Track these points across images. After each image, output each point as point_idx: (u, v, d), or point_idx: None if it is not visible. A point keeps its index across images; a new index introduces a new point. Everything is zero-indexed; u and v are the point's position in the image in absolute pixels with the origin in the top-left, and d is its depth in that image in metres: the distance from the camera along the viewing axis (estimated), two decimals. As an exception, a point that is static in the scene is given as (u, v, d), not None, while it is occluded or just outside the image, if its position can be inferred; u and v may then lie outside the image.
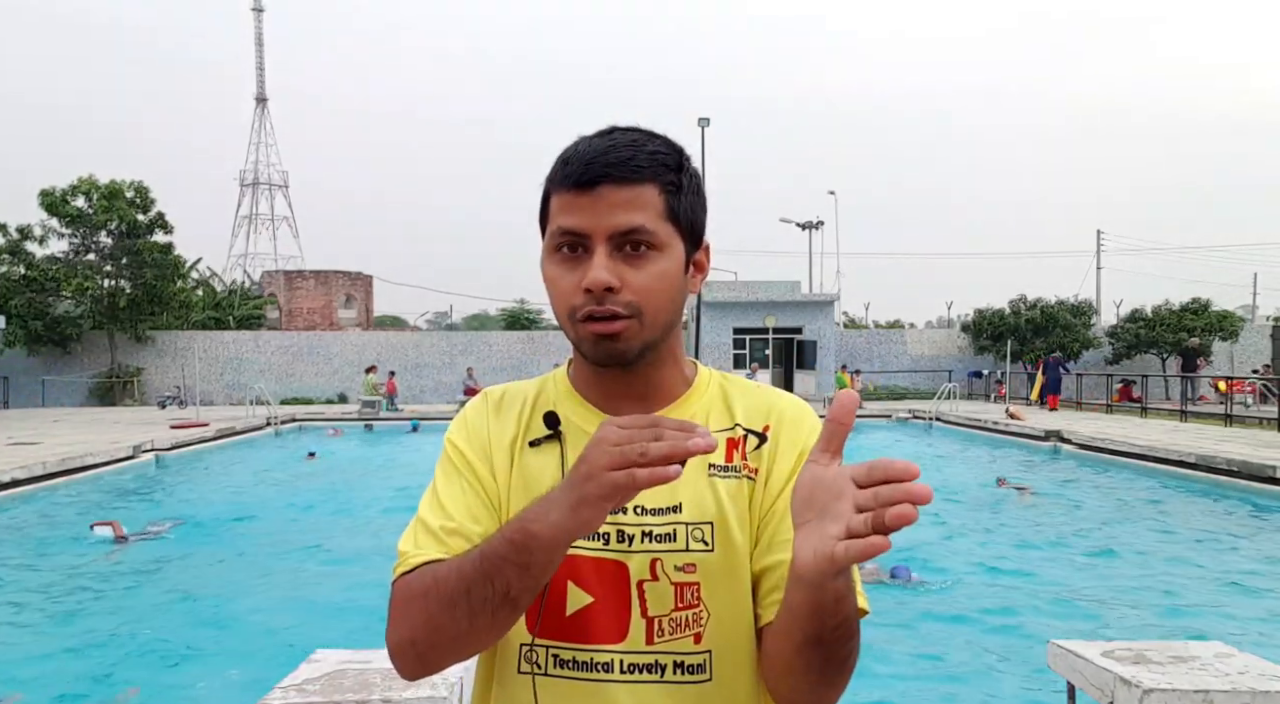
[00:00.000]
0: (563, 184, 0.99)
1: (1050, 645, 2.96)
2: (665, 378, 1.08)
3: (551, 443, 1.06)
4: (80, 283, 24.77)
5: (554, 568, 0.88)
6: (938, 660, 4.98)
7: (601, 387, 1.08)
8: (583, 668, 0.99)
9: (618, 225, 0.96)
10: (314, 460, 14.31)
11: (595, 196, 0.96)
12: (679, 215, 1.01)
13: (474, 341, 28.94)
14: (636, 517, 1.01)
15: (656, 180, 0.99)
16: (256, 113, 77.30)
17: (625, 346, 0.98)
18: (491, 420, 1.10)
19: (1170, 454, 11.77)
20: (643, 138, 1.01)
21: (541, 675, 1.01)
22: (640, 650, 0.99)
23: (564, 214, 0.98)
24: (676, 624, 1.00)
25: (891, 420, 20.39)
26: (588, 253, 0.97)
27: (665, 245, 0.99)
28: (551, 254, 1.01)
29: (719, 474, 1.03)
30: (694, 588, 1.00)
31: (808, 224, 38.12)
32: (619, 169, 0.96)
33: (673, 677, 0.99)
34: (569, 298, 0.98)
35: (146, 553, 7.65)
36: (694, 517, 1.01)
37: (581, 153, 0.99)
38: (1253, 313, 49.06)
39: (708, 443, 0.78)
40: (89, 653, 5.14)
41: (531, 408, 1.10)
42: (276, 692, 2.40)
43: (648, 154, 0.99)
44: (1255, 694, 2.39)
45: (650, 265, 0.98)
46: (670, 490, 1.01)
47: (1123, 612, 5.85)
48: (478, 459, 1.07)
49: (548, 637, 1.01)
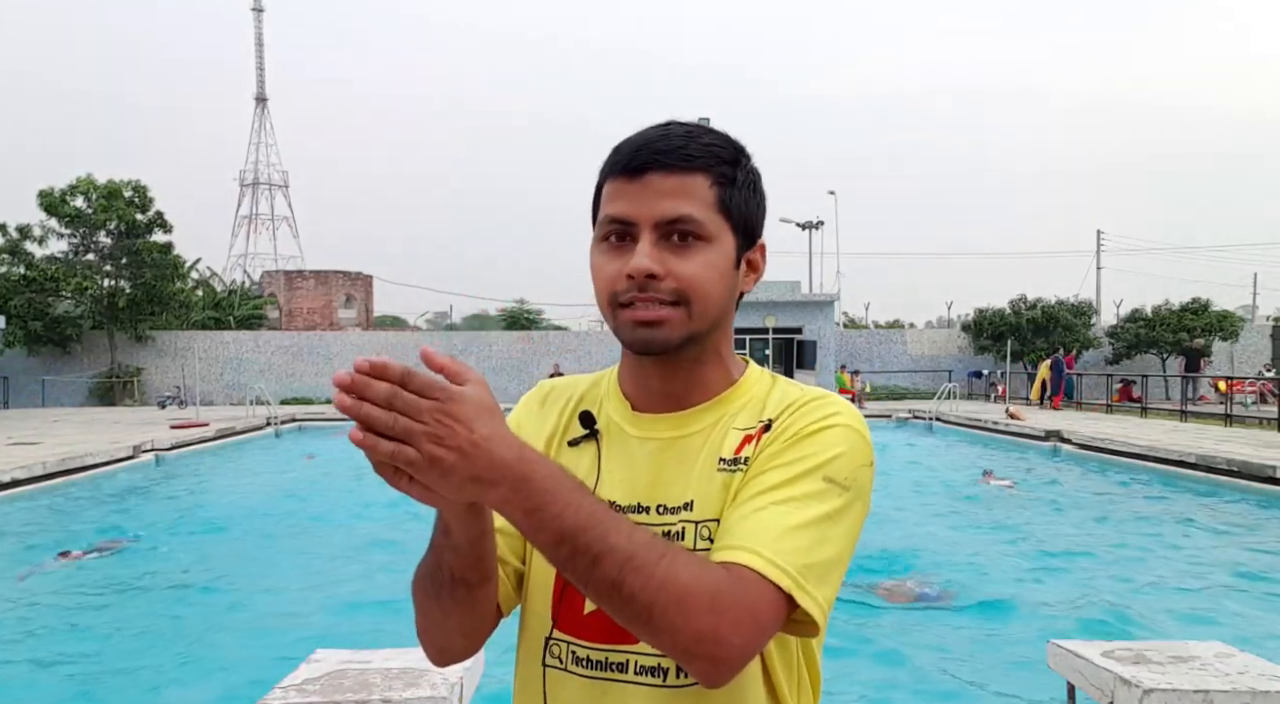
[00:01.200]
0: (612, 172, 0.98)
1: (1050, 645, 2.96)
2: (707, 376, 1.04)
3: (589, 442, 1.05)
4: (80, 283, 24.77)
5: (474, 539, 0.88)
6: (937, 660, 4.98)
7: (640, 380, 1.06)
8: (598, 667, 0.99)
9: (664, 213, 0.95)
10: (312, 461, 14.32)
11: (643, 184, 0.95)
12: (730, 208, 0.98)
13: (474, 341, 28.94)
14: (659, 515, 1.00)
15: (708, 171, 0.97)
16: (256, 113, 77.36)
17: (666, 335, 0.96)
18: (535, 414, 1.11)
19: (1170, 454, 11.77)
20: (698, 130, 0.99)
21: (560, 670, 1.01)
22: (650, 652, 0.96)
23: (612, 201, 0.98)
24: None
25: (892, 420, 20.38)
26: (633, 241, 0.96)
27: (714, 237, 0.97)
28: (599, 243, 1.00)
29: (725, 469, 1.00)
30: None
31: (808, 224, 38.10)
32: (668, 156, 0.95)
33: (676, 680, 0.96)
34: (611, 284, 0.97)
35: (142, 553, 7.65)
36: (702, 514, 0.99)
37: (632, 141, 0.98)
38: (1253, 313, 49.05)
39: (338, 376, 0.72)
40: (89, 652, 5.14)
41: (575, 405, 1.09)
42: (276, 692, 2.40)
43: (701, 145, 0.97)
44: (1255, 694, 2.39)
45: (697, 256, 0.96)
46: (684, 488, 1.00)
47: (1122, 611, 5.85)
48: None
49: (568, 632, 1.01)
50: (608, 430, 1.05)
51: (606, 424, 1.06)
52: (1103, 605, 6.00)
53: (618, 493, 1.02)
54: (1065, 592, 6.34)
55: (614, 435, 1.05)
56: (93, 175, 25.32)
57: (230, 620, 5.69)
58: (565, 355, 27.87)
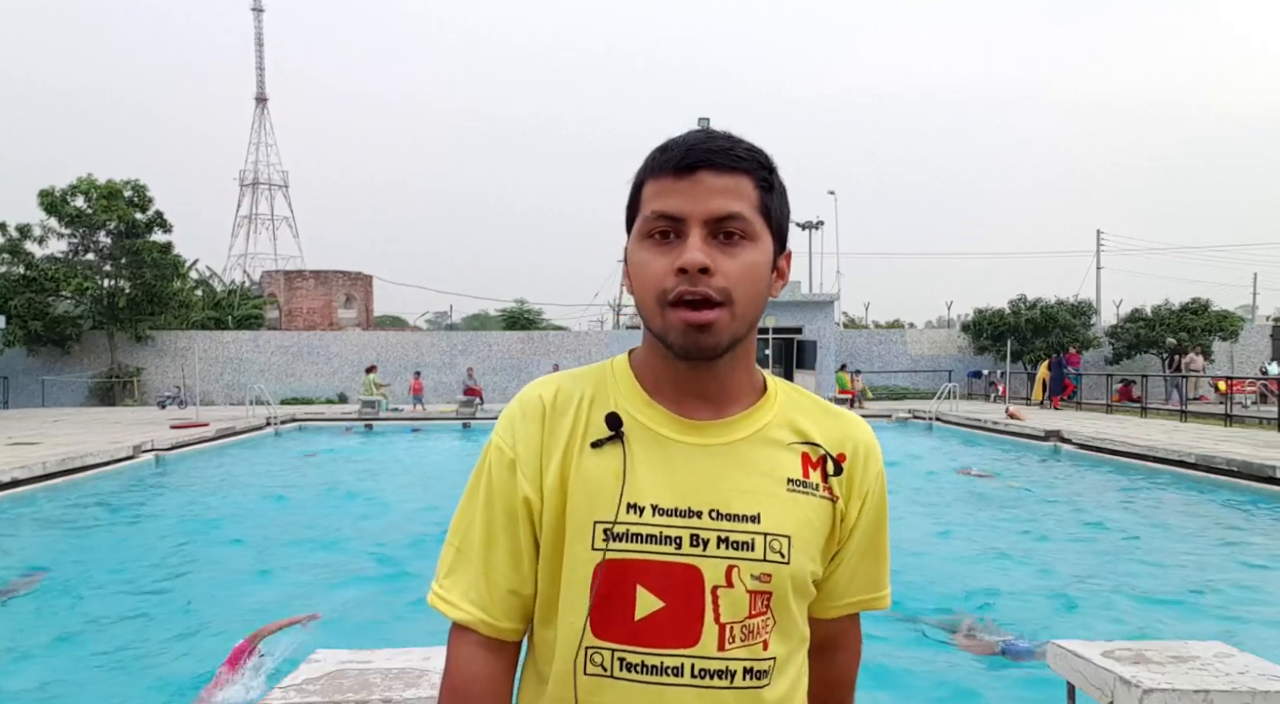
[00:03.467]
0: (662, 169, 0.99)
1: (1050, 645, 2.95)
2: (738, 381, 1.07)
3: (614, 444, 1.04)
4: (80, 283, 24.78)
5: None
6: (936, 660, 4.98)
7: (675, 383, 1.05)
8: (651, 671, 0.99)
9: (715, 210, 0.97)
10: (314, 459, 14.32)
11: (694, 181, 0.97)
12: (770, 212, 1.02)
13: (474, 341, 28.92)
14: (713, 521, 1.00)
15: (752, 174, 1.00)
16: (256, 113, 77.32)
17: (715, 339, 0.98)
18: (542, 426, 1.06)
19: (1170, 454, 11.77)
20: (736, 136, 1.03)
21: (605, 678, 1.00)
22: (711, 656, 0.99)
23: (660, 198, 0.99)
24: (748, 631, 1.00)
25: (891, 420, 20.38)
26: (680, 238, 0.98)
27: (758, 237, 1.00)
28: (643, 240, 1.01)
29: (798, 490, 1.04)
30: (766, 597, 1.01)
31: (808, 224, 38.10)
32: (720, 156, 0.98)
33: (741, 683, 1.00)
34: (660, 281, 0.98)
35: (139, 552, 7.65)
36: (773, 528, 1.01)
37: (681, 141, 1.00)
38: (1253, 313, 49.05)
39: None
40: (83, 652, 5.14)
41: (590, 406, 1.07)
42: (276, 692, 2.40)
43: (745, 148, 1.01)
44: (1255, 694, 2.39)
45: (743, 254, 0.98)
46: (751, 499, 1.01)
47: (1122, 611, 5.85)
48: (526, 474, 1.05)
49: (614, 640, 1.00)
50: (633, 432, 1.04)
51: (631, 425, 1.04)
52: (1102, 605, 6.00)
53: (659, 496, 1.01)
54: (1065, 591, 6.34)
55: (643, 438, 1.04)
56: (93, 175, 25.35)
57: (230, 620, 5.68)
58: (565, 355, 27.86)
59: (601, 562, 1.00)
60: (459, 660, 1.05)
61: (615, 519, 0.99)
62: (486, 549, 1.05)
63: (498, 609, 1.04)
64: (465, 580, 1.05)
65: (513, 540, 1.05)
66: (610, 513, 1.00)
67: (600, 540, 1.00)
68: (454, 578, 1.06)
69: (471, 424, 19.79)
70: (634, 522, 0.99)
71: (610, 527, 1.00)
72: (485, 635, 1.05)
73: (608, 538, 1.00)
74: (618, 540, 0.99)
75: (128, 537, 8.33)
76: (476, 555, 1.05)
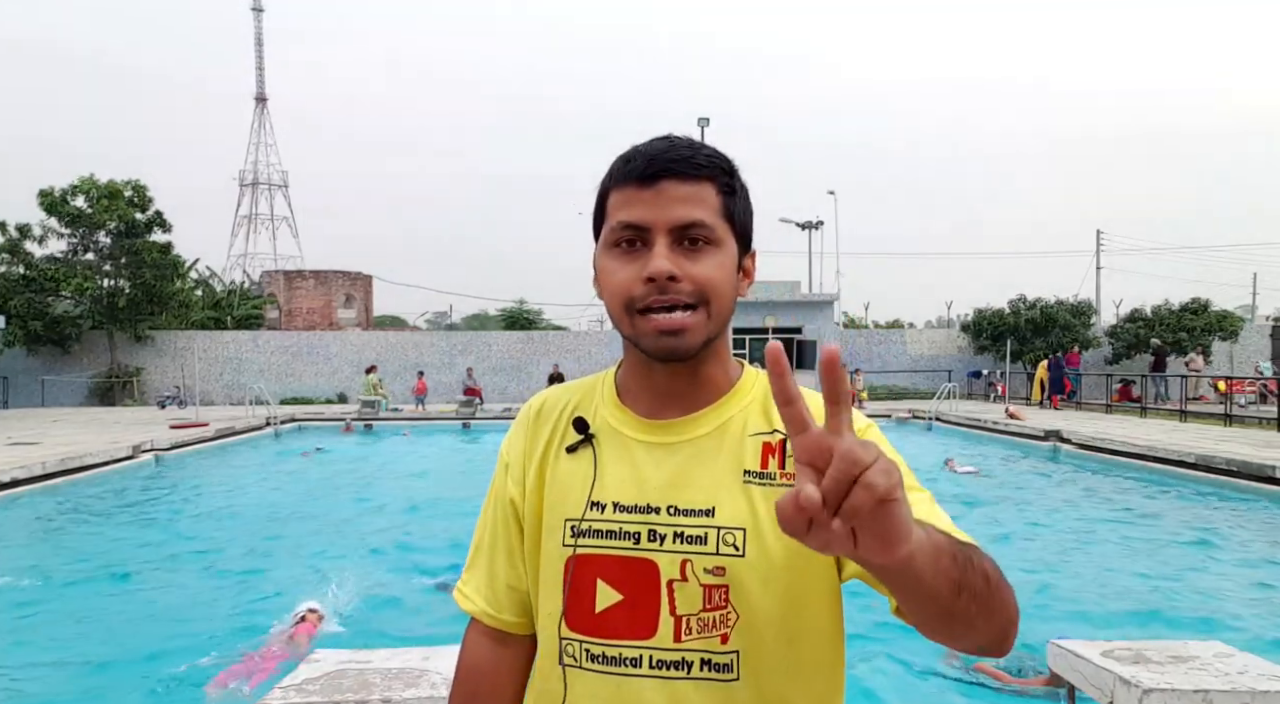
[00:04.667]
0: (625, 180, 1.03)
1: (1050, 645, 2.96)
2: (713, 376, 1.09)
3: (586, 447, 1.09)
4: (79, 283, 24.77)
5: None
6: (936, 660, 4.98)
7: (650, 384, 1.09)
8: (612, 662, 1.03)
9: (679, 218, 1.00)
10: (311, 458, 14.32)
11: (658, 191, 1.00)
12: (733, 216, 1.05)
13: (473, 342, 28.91)
14: (670, 517, 1.03)
15: (714, 180, 1.03)
16: (256, 113, 77.30)
17: (687, 342, 1.01)
18: (527, 432, 1.16)
19: (1170, 454, 11.77)
20: (698, 142, 1.06)
21: (576, 668, 1.05)
22: (668, 647, 1.02)
23: (625, 208, 1.02)
24: (704, 624, 1.02)
25: (891, 420, 20.38)
26: (646, 246, 1.01)
27: (721, 242, 1.03)
28: (610, 248, 1.04)
29: (754, 481, 1.03)
30: (723, 590, 1.01)
31: (808, 224, 38.10)
32: (681, 165, 1.01)
33: (700, 674, 1.01)
34: (628, 289, 1.01)
35: (139, 552, 7.65)
36: (727, 521, 1.02)
37: (643, 151, 1.03)
38: (1253, 313, 49.06)
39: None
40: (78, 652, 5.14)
41: (570, 413, 1.13)
42: (276, 692, 2.40)
43: (706, 155, 1.04)
44: (1255, 694, 2.39)
45: (708, 259, 1.01)
46: (706, 493, 1.03)
47: (1122, 611, 5.86)
48: (513, 477, 1.15)
49: (580, 632, 1.05)
50: (602, 434, 1.09)
51: (601, 428, 1.10)
52: (1102, 605, 6.00)
53: (621, 494, 1.05)
54: (1064, 591, 6.35)
55: (611, 439, 1.09)
56: (93, 175, 25.34)
57: (230, 619, 5.69)
58: (565, 355, 27.85)
59: (570, 558, 1.05)
60: (466, 648, 1.17)
61: (581, 517, 1.05)
62: (491, 547, 1.16)
63: (499, 602, 1.14)
64: (478, 576, 1.17)
65: (508, 538, 1.15)
66: (578, 511, 1.06)
67: (569, 537, 1.06)
68: (470, 573, 1.18)
69: (471, 424, 19.79)
70: (596, 518, 1.04)
71: (577, 523, 1.05)
72: (489, 626, 1.15)
73: (575, 534, 1.05)
74: (583, 537, 1.05)
75: (127, 536, 8.33)
76: (485, 553, 1.17)
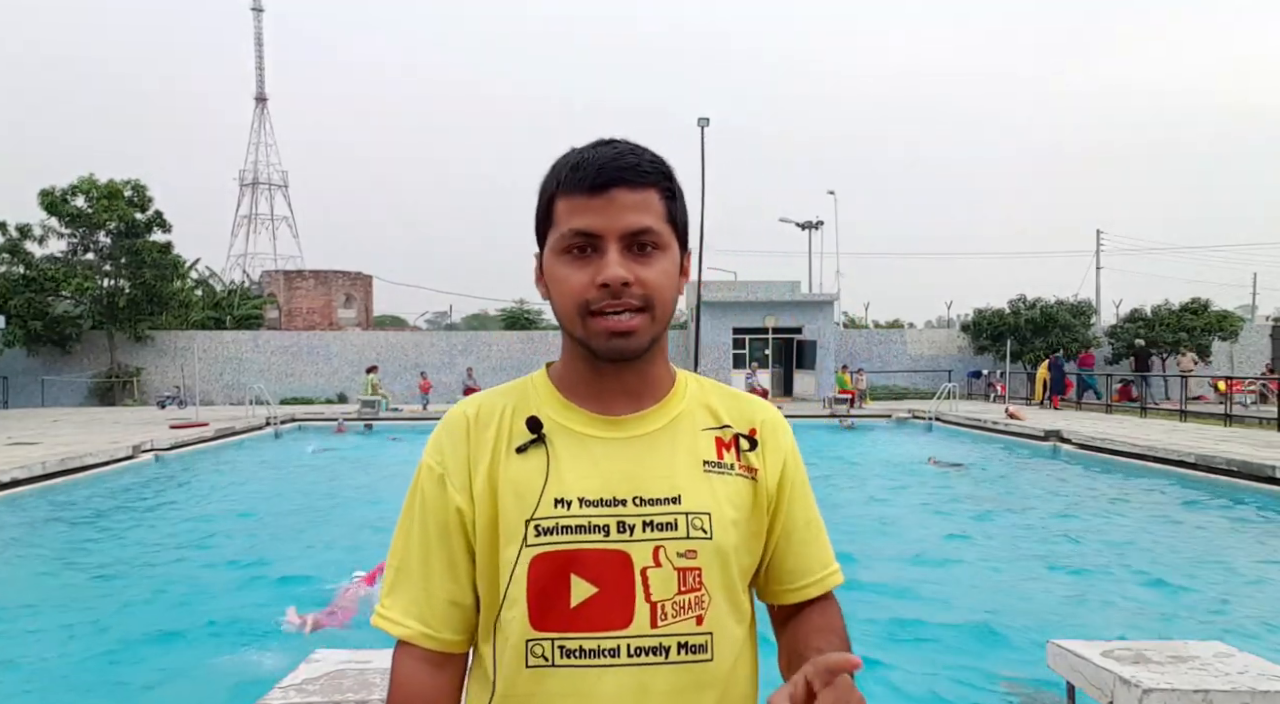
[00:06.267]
0: (575, 188, 1.05)
1: (1050, 645, 2.96)
2: (657, 374, 1.15)
3: (537, 447, 1.10)
4: (79, 282, 24.77)
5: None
6: (936, 660, 4.98)
7: (598, 384, 1.12)
8: (589, 655, 1.04)
9: (629, 225, 1.04)
10: (317, 454, 14.32)
11: (608, 199, 1.04)
12: (676, 219, 1.10)
13: (473, 341, 28.92)
14: (637, 507, 1.06)
15: (658, 186, 1.07)
16: (256, 112, 77.25)
17: (638, 342, 1.06)
18: (464, 442, 1.12)
19: (1170, 454, 11.77)
20: (639, 147, 1.09)
21: (547, 667, 1.05)
22: (645, 634, 1.04)
23: (577, 216, 1.05)
24: (680, 607, 1.05)
25: (891, 420, 20.39)
26: (597, 253, 1.04)
27: (667, 246, 1.08)
28: (561, 254, 1.07)
29: (714, 471, 1.11)
30: (696, 573, 1.06)
31: (807, 224, 38.11)
32: (630, 173, 1.04)
33: (677, 657, 1.05)
34: (583, 293, 1.05)
35: (141, 552, 7.65)
36: (693, 507, 1.08)
37: (591, 160, 1.05)
38: (1252, 313, 49.05)
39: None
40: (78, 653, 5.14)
41: (512, 416, 1.13)
42: (276, 691, 2.40)
43: (650, 162, 1.07)
44: (1255, 694, 2.39)
45: (657, 263, 1.06)
46: (669, 482, 1.08)
47: (1122, 611, 5.85)
48: (456, 486, 1.10)
49: (552, 629, 1.05)
50: (554, 433, 1.10)
51: (552, 427, 1.11)
52: (1102, 605, 6.00)
53: (585, 489, 1.07)
54: (1064, 591, 6.34)
55: (564, 436, 1.10)
56: (93, 175, 25.33)
57: (230, 619, 5.69)
58: (565, 355, 27.79)
59: (535, 556, 1.05)
60: (401, 677, 1.10)
61: (544, 515, 1.05)
62: (424, 564, 1.10)
63: (438, 620, 1.10)
64: (406, 597, 1.10)
65: (448, 552, 1.10)
66: (540, 510, 1.06)
67: (532, 536, 1.05)
68: (395, 596, 1.11)
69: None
70: (562, 515, 1.05)
71: (540, 522, 1.05)
72: (428, 649, 1.09)
73: (538, 533, 1.05)
74: (547, 534, 1.05)
75: (127, 536, 8.33)
76: (415, 572, 1.11)
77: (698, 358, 25.92)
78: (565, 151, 1.10)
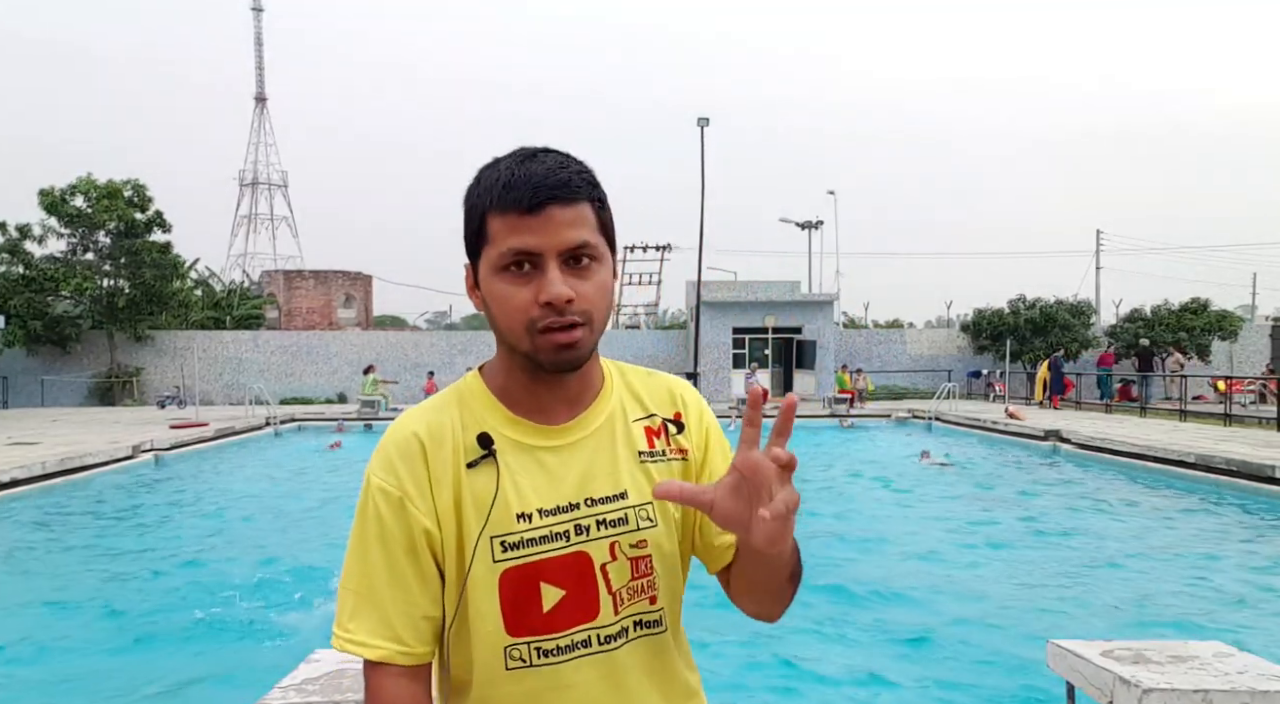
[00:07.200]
0: (511, 207, 1.06)
1: (1049, 645, 2.96)
2: (592, 375, 1.19)
3: (488, 462, 1.12)
4: (79, 282, 24.75)
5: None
6: (936, 660, 4.98)
7: (543, 394, 1.15)
8: (564, 651, 1.10)
9: (567, 242, 1.06)
10: (327, 452, 14.31)
11: (544, 218, 1.05)
12: (607, 227, 1.13)
13: (473, 341, 28.91)
14: (589, 508, 1.12)
15: (589, 199, 1.09)
16: (256, 112, 77.27)
17: (580, 353, 1.09)
18: (428, 457, 1.11)
19: (1170, 454, 11.78)
20: (567, 159, 1.10)
21: (525, 668, 1.10)
22: (610, 622, 1.12)
23: (514, 235, 1.06)
24: (634, 591, 1.13)
25: (891, 420, 20.39)
26: (536, 269, 1.06)
27: (603, 256, 1.11)
28: (500, 272, 1.08)
29: (649, 460, 1.18)
30: (646, 559, 1.14)
31: (807, 224, 38.12)
32: (563, 190, 1.06)
33: (636, 634, 1.13)
34: (526, 311, 1.06)
35: (141, 552, 7.65)
36: (638, 499, 1.14)
37: (522, 178, 1.06)
38: (1252, 313, 49.06)
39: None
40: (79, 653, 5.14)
41: (463, 431, 1.13)
42: (276, 691, 2.40)
43: (579, 175, 1.08)
44: (1254, 694, 2.39)
45: (594, 276, 1.09)
46: (614, 480, 1.14)
47: (1122, 611, 5.86)
48: (420, 509, 1.10)
49: (529, 634, 1.10)
50: (505, 449, 1.12)
51: (502, 442, 1.12)
52: (1102, 604, 6.00)
53: (542, 500, 1.11)
54: (1064, 590, 6.35)
55: (514, 451, 1.13)
56: (93, 175, 25.32)
57: (229, 619, 5.69)
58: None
59: (504, 571, 1.09)
60: (389, 696, 1.09)
61: (508, 531, 1.09)
62: (392, 585, 1.09)
63: (412, 636, 1.10)
64: (372, 618, 1.09)
65: (418, 569, 1.11)
66: (501, 527, 1.09)
67: (499, 552, 1.09)
68: (359, 620, 1.10)
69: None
70: (525, 529, 1.10)
71: (504, 538, 1.09)
72: (404, 665, 1.09)
73: (505, 548, 1.09)
74: (514, 549, 1.09)
75: (126, 536, 8.33)
76: (382, 593, 1.10)
77: (697, 358, 25.92)
78: (489, 162, 1.11)
